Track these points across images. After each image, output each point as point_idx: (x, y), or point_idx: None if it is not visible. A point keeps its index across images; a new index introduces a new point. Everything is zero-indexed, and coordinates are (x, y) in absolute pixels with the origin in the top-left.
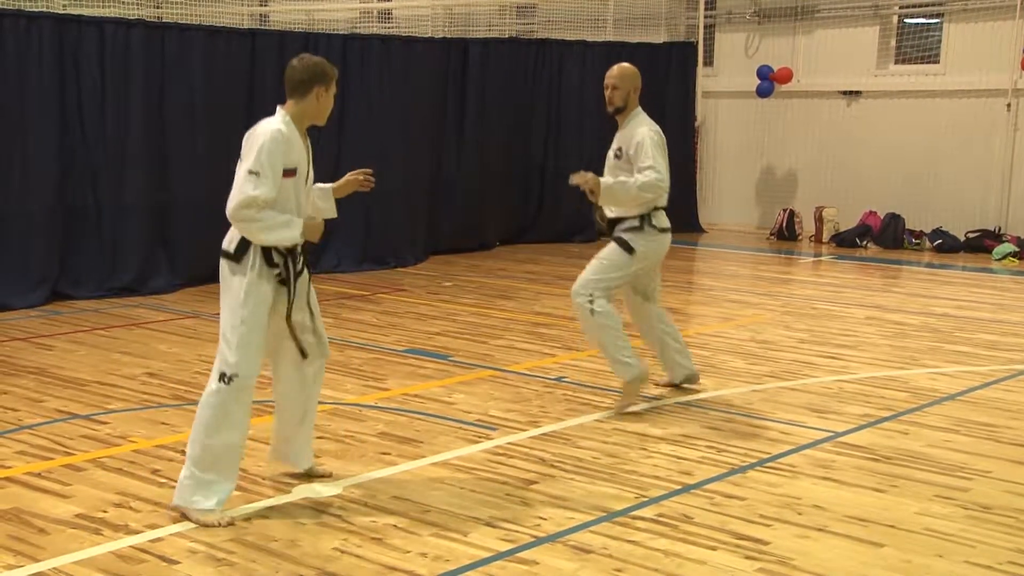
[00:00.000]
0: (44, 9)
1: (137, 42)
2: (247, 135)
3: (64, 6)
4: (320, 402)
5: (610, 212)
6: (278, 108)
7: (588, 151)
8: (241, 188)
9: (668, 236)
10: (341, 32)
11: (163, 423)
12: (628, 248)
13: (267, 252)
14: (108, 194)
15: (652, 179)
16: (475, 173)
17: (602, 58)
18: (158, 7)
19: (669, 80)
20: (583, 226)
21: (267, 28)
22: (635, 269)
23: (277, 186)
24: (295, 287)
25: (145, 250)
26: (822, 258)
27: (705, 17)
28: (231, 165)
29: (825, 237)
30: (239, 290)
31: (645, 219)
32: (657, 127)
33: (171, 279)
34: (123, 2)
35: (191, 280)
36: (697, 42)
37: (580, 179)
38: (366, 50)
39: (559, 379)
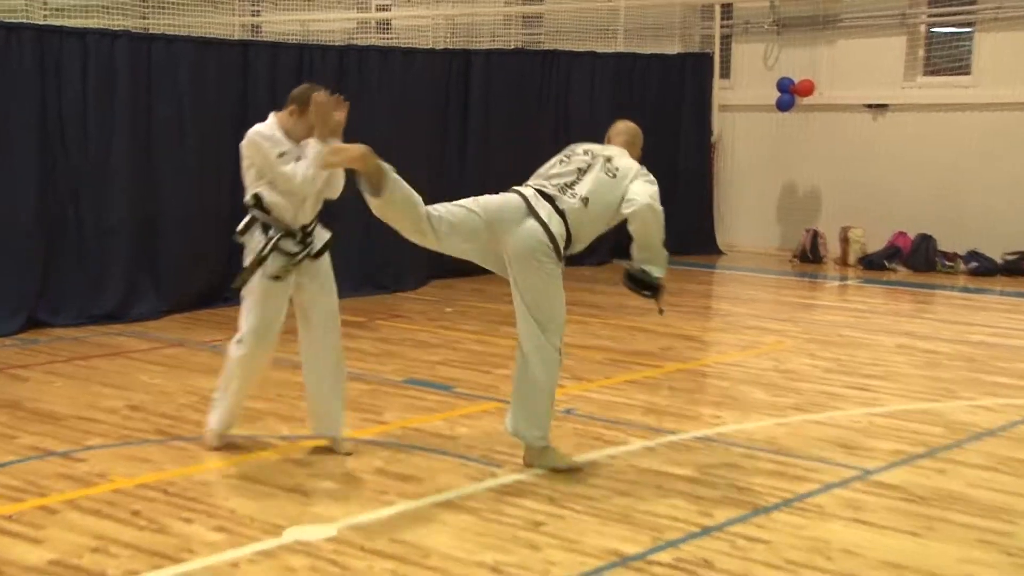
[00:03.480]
0: (24, 20)
1: (122, 53)
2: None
3: (45, 16)
4: (312, 437)
5: None
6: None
7: None
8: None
9: None
10: (337, 44)
11: (145, 460)
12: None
13: (265, 227)
14: (90, 214)
15: None
16: (478, 191)
17: (612, 70)
18: (144, 17)
19: (684, 93)
20: (594, 248)
21: (259, 39)
22: None
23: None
24: (301, 266)
25: (129, 274)
26: (848, 282)
27: (721, 27)
28: (220, 182)
29: (851, 259)
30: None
31: None
32: None
33: (157, 305)
34: (107, 12)
35: (178, 306)
36: (713, 53)
37: None
38: (364, 62)
39: (568, 411)
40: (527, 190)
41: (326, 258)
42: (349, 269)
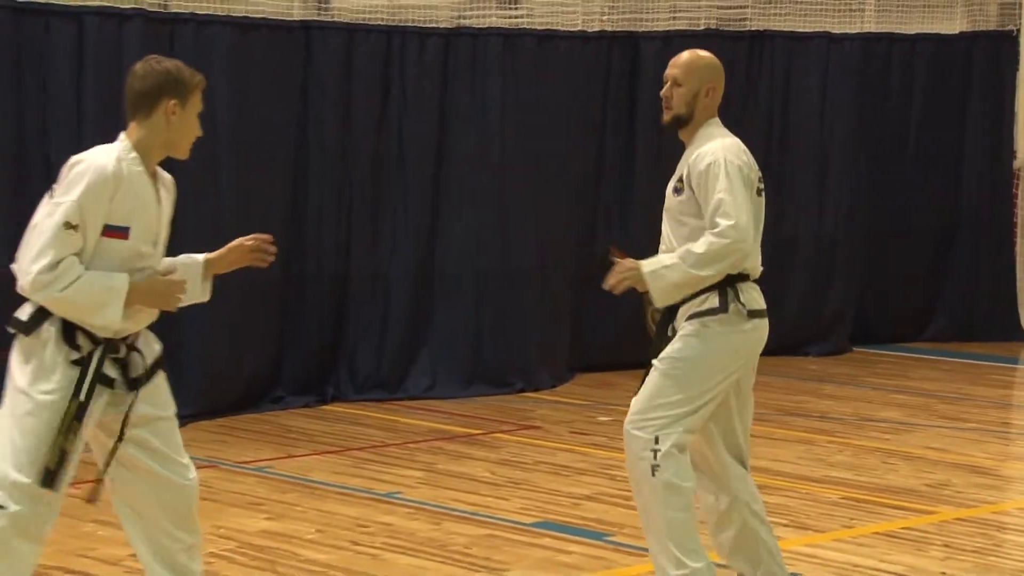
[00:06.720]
0: None
1: (133, 42)
2: (67, 165)
3: None
4: None
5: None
6: (120, 134)
7: (832, 203)
8: (46, 244)
9: (763, 325)
10: (442, 25)
11: None
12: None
13: (68, 331)
14: None
15: (719, 244)
16: (648, 242)
17: (856, 59)
18: None
19: (970, 94)
20: (822, 330)
21: (328, 19)
22: (721, 384)
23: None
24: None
25: None
26: None
27: None
28: (269, 226)
29: None
30: (26, 382)
31: (727, 295)
32: (741, 145)
33: (176, 408)
34: None
35: (209, 409)
36: (1020, 30)
37: (614, 279)
38: (480, 52)
39: None
40: None
41: None
42: (454, 358)
